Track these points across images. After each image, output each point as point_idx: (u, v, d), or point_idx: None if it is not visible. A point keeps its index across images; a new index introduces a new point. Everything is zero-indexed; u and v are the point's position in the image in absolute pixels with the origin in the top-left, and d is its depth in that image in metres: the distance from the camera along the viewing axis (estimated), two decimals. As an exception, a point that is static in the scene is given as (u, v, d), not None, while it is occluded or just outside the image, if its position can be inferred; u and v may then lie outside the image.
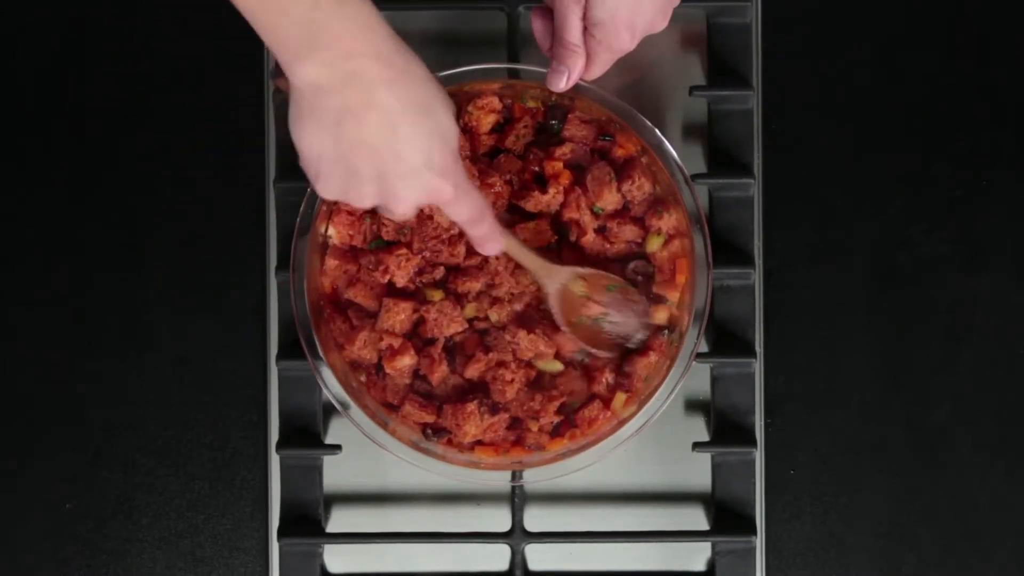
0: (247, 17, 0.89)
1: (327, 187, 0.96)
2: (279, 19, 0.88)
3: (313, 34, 0.88)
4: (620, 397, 1.13)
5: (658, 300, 1.13)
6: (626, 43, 1.05)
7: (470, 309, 1.12)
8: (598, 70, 1.08)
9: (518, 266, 1.11)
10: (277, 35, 0.89)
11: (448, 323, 1.11)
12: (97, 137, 1.21)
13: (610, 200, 1.11)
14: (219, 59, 1.21)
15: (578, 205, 1.11)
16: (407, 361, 1.12)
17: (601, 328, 1.13)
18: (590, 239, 1.12)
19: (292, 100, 0.93)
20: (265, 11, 0.88)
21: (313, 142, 0.93)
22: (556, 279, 1.11)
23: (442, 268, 1.12)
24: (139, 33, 1.22)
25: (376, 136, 0.92)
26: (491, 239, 1.05)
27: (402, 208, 0.96)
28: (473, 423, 1.11)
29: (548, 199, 1.11)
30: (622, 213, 1.13)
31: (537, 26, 1.08)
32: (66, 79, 1.21)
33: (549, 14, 1.07)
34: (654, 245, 1.13)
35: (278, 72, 0.93)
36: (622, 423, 1.12)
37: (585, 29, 1.05)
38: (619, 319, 1.13)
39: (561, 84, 1.07)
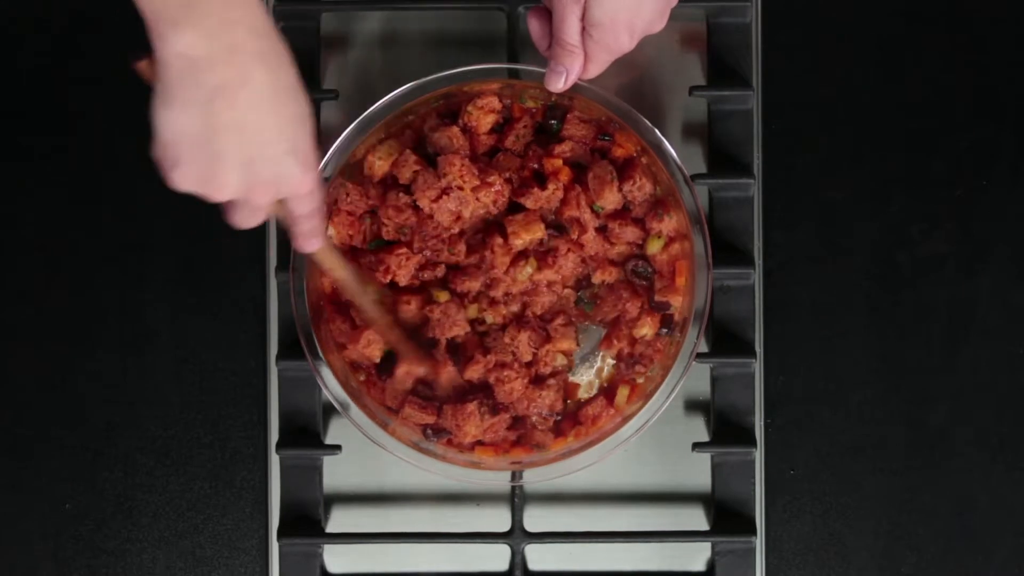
0: None
1: (185, 175, 0.90)
2: None
3: None
4: (623, 392, 1.13)
5: (661, 308, 1.12)
6: (625, 44, 1.05)
7: (472, 310, 1.12)
8: (596, 70, 1.08)
9: (513, 265, 1.11)
10: None
11: (451, 325, 1.11)
12: (97, 137, 1.21)
13: (610, 199, 1.11)
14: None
15: (578, 203, 1.11)
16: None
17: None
18: (590, 238, 1.12)
19: (159, 77, 0.87)
20: None
21: (176, 123, 0.88)
22: (368, 293, 1.11)
23: (443, 267, 1.12)
24: (139, 33, 1.22)
25: (248, 116, 0.87)
26: (316, 235, 1.02)
27: (263, 198, 0.92)
28: (473, 423, 1.11)
29: (547, 195, 1.11)
30: (623, 214, 1.13)
31: (534, 27, 1.08)
32: (66, 79, 1.21)
33: (546, 15, 1.07)
34: (654, 247, 1.13)
35: (141, 54, 0.87)
36: (625, 420, 1.12)
37: (583, 29, 1.04)
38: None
39: (559, 84, 1.07)
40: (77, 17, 1.21)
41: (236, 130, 0.88)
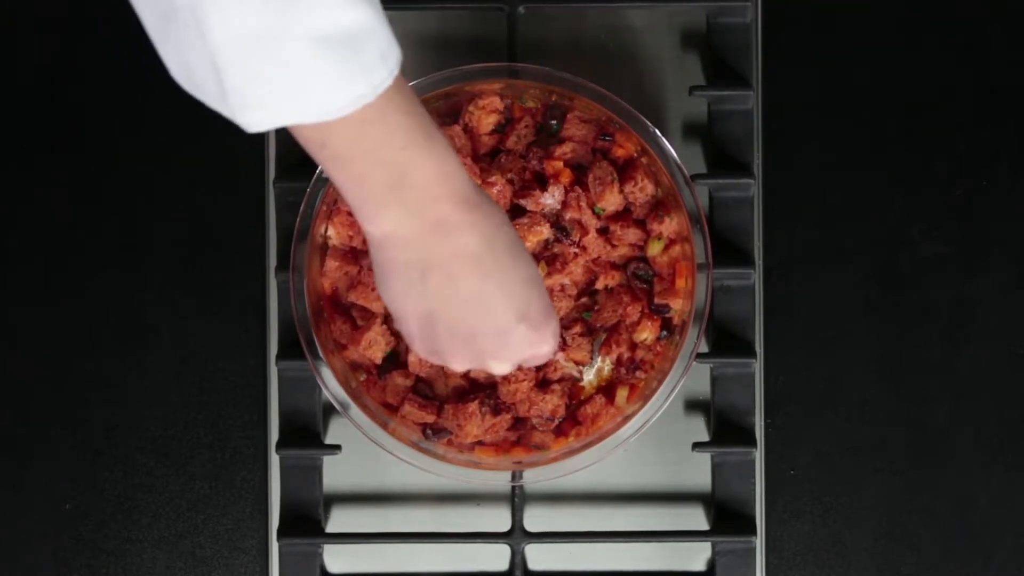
0: (331, 166, 0.81)
1: (422, 348, 0.90)
2: (371, 162, 0.81)
3: (402, 175, 0.81)
4: (623, 392, 1.13)
5: (661, 311, 1.12)
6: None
7: None
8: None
9: None
10: (364, 183, 0.82)
11: None
12: (97, 137, 1.21)
13: (612, 201, 1.11)
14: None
15: (579, 205, 1.11)
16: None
17: None
18: (592, 239, 1.12)
19: (372, 258, 0.87)
20: (357, 156, 0.80)
21: (399, 299, 0.87)
22: None
23: None
24: (140, 33, 1.22)
25: (467, 288, 0.85)
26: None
27: (499, 369, 0.91)
28: (475, 423, 1.11)
29: (548, 197, 1.11)
30: (625, 216, 1.13)
31: None
32: (66, 79, 1.21)
33: None
34: (654, 249, 1.13)
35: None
36: (625, 420, 1.12)
37: None
38: None
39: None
40: (77, 17, 1.21)
41: (456, 304, 0.86)
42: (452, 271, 0.85)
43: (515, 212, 1.12)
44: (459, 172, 0.84)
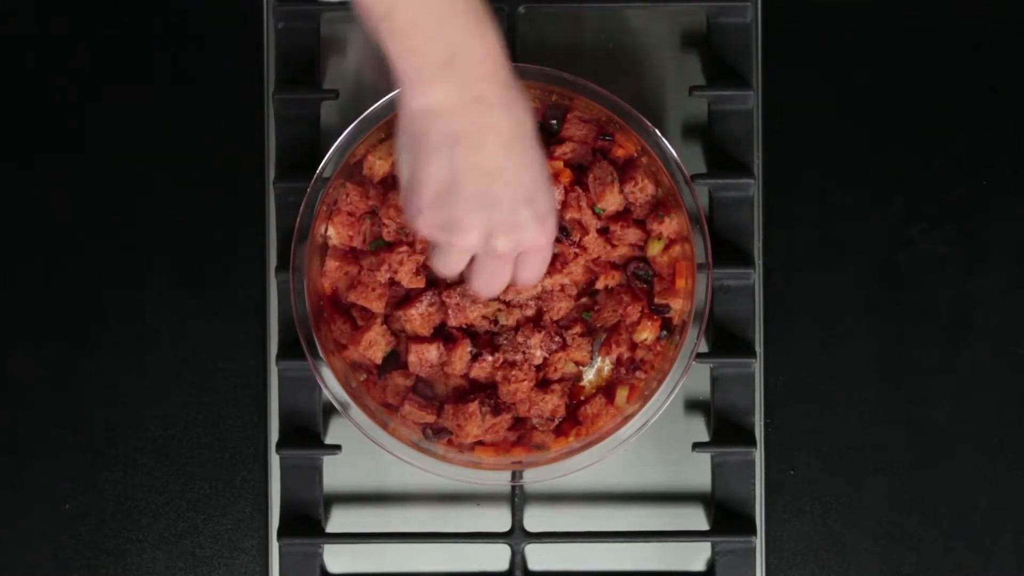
0: (392, 38, 0.88)
1: (429, 220, 0.93)
2: (429, 38, 0.88)
3: (454, 54, 0.88)
4: (623, 392, 1.13)
5: (660, 311, 1.12)
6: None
7: (491, 306, 1.12)
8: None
9: None
10: (421, 56, 0.88)
11: (470, 306, 1.11)
12: (97, 137, 1.21)
13: (612, 201, 1.11)
14: (219, 59, 1.21)
15: (579, 205, 1.11)
16: (433, 352, 1.11)
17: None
18: (592, 240, 1.12)
19: (402, 130, 0.92)
20: (419, 30, 0.87)
21: (423, 169, 0.92)
22: None
23: None
24: (140, 32, 1.22)
25: (492, 159, 0.91)
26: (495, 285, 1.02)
27: (504, 243, 0.94)
28: (475, 423, 1.11)
29: None
30: (625, 216, 1.13)
31: None
32: (66, 79, 1.21)
33: None
34: (655, 249, 1.13)
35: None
36: (625, 420, 1.12)
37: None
38: None
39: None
40: (77, 17, 1.21)
41: (479, 173, 0.91)
42: (482, 143, 0.91)
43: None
44: (502, 55, 0.91)
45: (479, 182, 0.92)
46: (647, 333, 1.12)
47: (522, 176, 0.93)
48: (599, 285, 1.13)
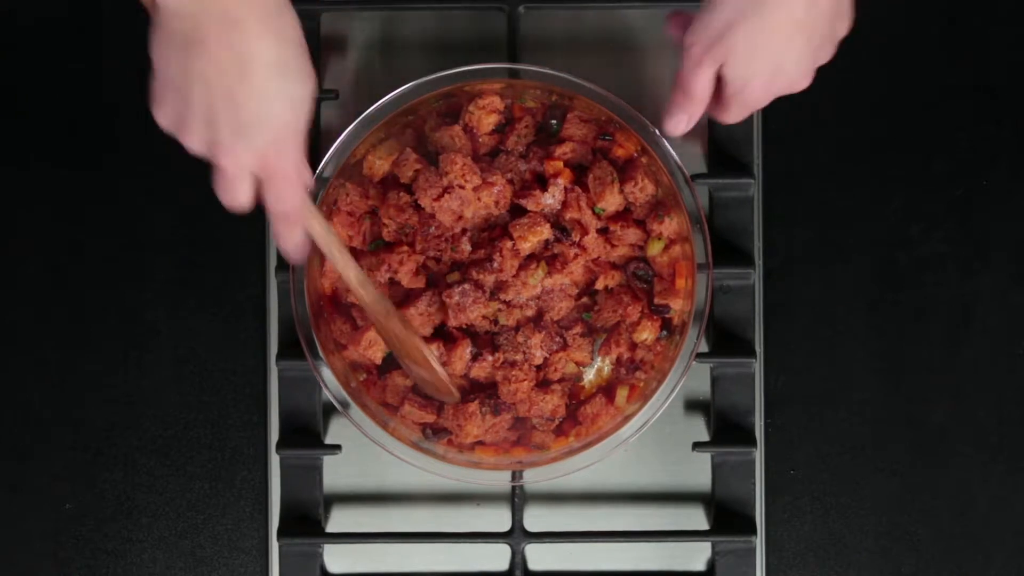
0: None
1: (163, 113, 0.92)
2: None
3: None
4: (623, 392, 1.13)
5: (660, 311, 1.12)
6: (760, 102, 1.00)
7: (492, 306, 1.12)
8: (731, 119, 1.03)
9: (523, 269, 1.11)
10: None
11: (471, 304, 1.11)
12: (98, 137, 1.21)
13: (612, 201, 1.11)
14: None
15: (579, 205, 1.11)
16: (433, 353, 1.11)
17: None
18: (592, 240, 1.12)
19: (154, 16, 0.90)
20: None
21: (161, 61, 0.90)
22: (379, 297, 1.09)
23: (448, 266, 1.12)
24: (140, 33, 1.22)
25: (219, 76, 0.89)
26: (295, 250, 1.00)
27: (228, 163, 0.92)
28: (475, 423, 1.11)
29: (549, 197, 1.11)
30: (625, 216, 1.13)
31: (676, 34, 1.03)
32: (67, 80, 1.21)
33: (686, 21, 1.01)
34: (654, 249, 1.13)
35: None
36: (625, 420, 1.12)
37: (718, 79, 1.00)
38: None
39: (679, 129, 1.04)
40: (77, 17, 1.21)
41: (203, 83, 0.89)
42: (214, 56, 0.88)
43: (515, 212, 1.12)
44: None
45: (201, 92, 0.89)
46: (647, 333, 1.12)
47: (257, 104, 0.90)
48: (599, 285, 1.13)
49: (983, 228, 1.21)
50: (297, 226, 0.99)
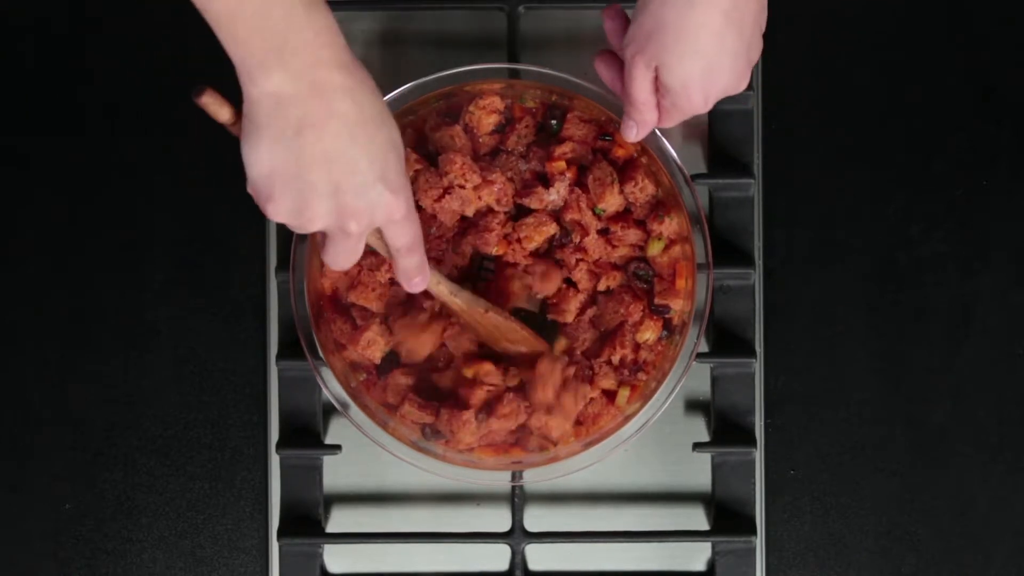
0: (216, 26, 0.88)
1: (279, 207, 0.93)
2: (252, 28, 0.87)
3: (284, 41, 0.87)
4: (624, 392, 1.13)
5: (661, 311, 1.12)
6: (699, 106, 1.01)
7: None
8: (669, 124, 1.05)
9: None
10: (247, 45, 0.88)
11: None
12: (98, 137, 1.21)
13: (612, 202, 1.11)
14: (219, 59, 1.21)
15: (579, 206, 1.11)
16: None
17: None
18: (592, 240, 1.12)
19: (246, 116, 0.91)
20: (239, 20, 0.86)
21: (268, 158, 0.91)
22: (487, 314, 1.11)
23: (453, 269, 1.12)
24: (140, 33, 1.22)
25: (335, 147, 0.91)
26: (420, 273, 1.03)
27: (352, 226, 0.94)
28: (469, 431, 1.11)
29: (552, 194, 1.11)
30: (625, 216, 1.13)
31: (603, 74, 1.06)
32: (66, 79, 1.21)
33: (614, 60, 1.05)
34: (655, 249, 1.12)
35: (200, 88, 0.91)
36: (626, 420, 1.12)
37: (657, 89, 1.02)
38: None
39: (631, 135, 1.06)
40: (77, 17, 1.21)
41: (324, 160, 0.91)
42: (324, 131, 0.90)
43: (519, 212, 1.12)
44: (338, 40, 0.90)
45: (323, 169, 0.91)
46: (650, 333, 1.12)
47: (370, 159, 0.92)
48: (600, 286, 1.13)
49: (983, 228, 1.21)
50: (419, 253, 1.02)
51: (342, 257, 0.98)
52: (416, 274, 1.03)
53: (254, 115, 0.90)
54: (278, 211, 0.93)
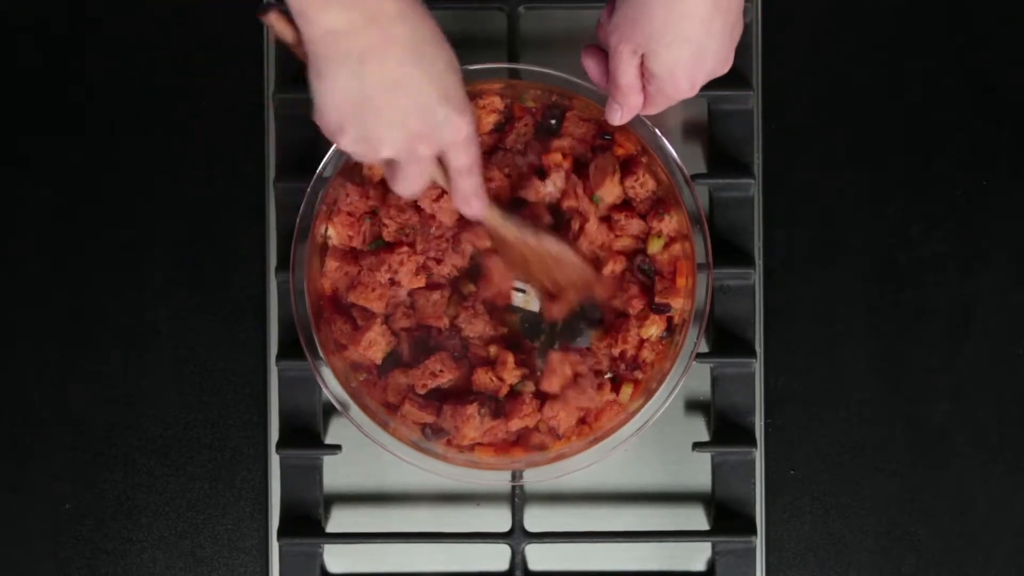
0: None
1: (347, 137, 0.94)
2: None
3: None
4: (627, 389, 1.13)
5: (661, 310, 1.12)
6: (684, 92, 1.02)
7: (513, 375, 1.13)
8: (655, 110, 1.06)
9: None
10: None
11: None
12: (98, 137, 1.21)
13: (610, 191, 1.11)
14: (219, 59, 1.21)
15: (576, 193, 1.11)
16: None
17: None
18: (593, 227, 1.11)
19: (311, 55, 0.92)
20: None
21: (333, 91, 0.92)
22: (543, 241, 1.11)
23: (453, 268, 1.12)
24: (140, 33, 1.22)
25: (398, 72, 0.91)
26: (478, 196, 1.02)
27: (421, 150, 0.95)
28: (473, 426, 1.11)
29: (549, 185, 1.11)
30: (627, 208, 1.13)
31: (590, 67, 1.06)
32: (66, 79, 1.21)
33: (601, 53, 1.05)
34: (655, 247, 1.12)
35: (265, 7, 0.92)
36: (629, 417, 1.12)
37: (642, 74, 1.02)
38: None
39: (616, 119, 1.06)
40: (77, 17, 1.21)
41: (389, 87, 0.92)
42: (386, 57, 0.91)
43: (516, 204, 1.12)
44: None
45: (389, 95, 0.92)
46: (654, 328, 1.12)
47: (432, 81, 0.93)
48: (605, 271, 1.12)
49: (983, 228, 1.21)
50: (478, 175, 1.01)
51: (412, 182, 0.98)
52: (474, 196, 1.02)
53: (319, 54, 0.92)
54: (348, 141, 0.94)
